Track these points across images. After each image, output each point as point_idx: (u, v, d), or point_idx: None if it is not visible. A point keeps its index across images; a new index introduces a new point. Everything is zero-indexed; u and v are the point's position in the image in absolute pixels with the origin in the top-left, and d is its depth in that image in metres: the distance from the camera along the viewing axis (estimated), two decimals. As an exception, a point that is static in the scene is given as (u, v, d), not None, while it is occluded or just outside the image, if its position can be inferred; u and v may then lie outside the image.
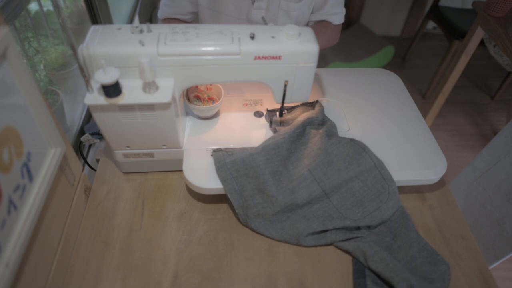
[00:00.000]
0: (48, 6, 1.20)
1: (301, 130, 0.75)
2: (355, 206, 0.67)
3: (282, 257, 0.65)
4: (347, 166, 0.69)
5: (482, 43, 1.66)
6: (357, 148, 0.71)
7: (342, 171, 0.69)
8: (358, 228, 0.67)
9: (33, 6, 1.14)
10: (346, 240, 0.66)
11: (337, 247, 0.67)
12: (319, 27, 1.01)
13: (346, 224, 0.65)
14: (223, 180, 0.67)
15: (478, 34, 1.57)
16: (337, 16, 1.01)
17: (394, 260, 0.60)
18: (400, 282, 0.58)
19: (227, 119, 0.81)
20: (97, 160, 0.81)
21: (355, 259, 0.64)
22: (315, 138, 0.74)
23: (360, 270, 0.63)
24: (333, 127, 0.77)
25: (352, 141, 0.72)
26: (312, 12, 1.01)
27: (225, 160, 0.69)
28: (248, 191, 0.67)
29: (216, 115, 0.81)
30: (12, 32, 0.69)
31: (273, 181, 0.67)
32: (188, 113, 0.81)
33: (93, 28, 0.63)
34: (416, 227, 0.68)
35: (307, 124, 0.76)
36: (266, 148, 0.70)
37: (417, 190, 0.77)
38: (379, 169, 0.70)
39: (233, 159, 0.69)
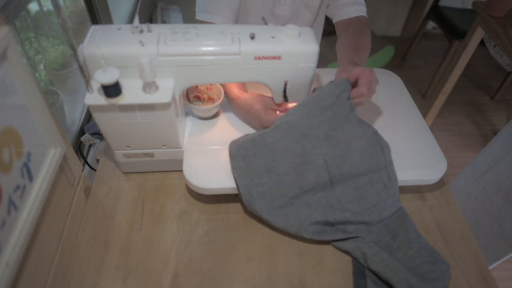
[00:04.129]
0: (48, 6, 1.20)
1: (328, 104, 0.68)
2: (356, 200, 0.67)
3: (282, 257, 0.65)
4: (361, 162, 0.67)
5: (482, 43, 1.66)
6: (377, 147, 0.70)
7: (354, 165, 0.67)
8: (357, 225, 0.67)
9: (33, 6, 1.14)
10: (346, 240, 0.66)
11: (336, 247, 0.67)
12: (360, 29, 0.91)
13: (346, 216, 0.66)
14: (231, 156, 0.70)
15: (478, 34, 1.57)
16: (364, 6, 0.95)
17: (394, 260, 0.61)
18: (400, 282, 0.58)
19: (227, 119, 0.81)
20: (97, 160, 0.81)
21: (355, 260, 0.65)
22: (346, 125, 0.69)
23: (360, 270, 0.63)
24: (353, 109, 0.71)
25: (376, 135, 0.71)
26: (341, 8, 0.93)
27: (239, 138, 0.72)
28: (254, 169, 0.67)
29: (216, 115, 0.81)
30: (12, 32, 0.69)
31: (284, 160, 0.67)
32: (188, 113, 0.81)
33: (93, 28, 0.63)
34: (416, 227, 0.68)
35: (334, 99, 0.68)
36: (279, 127, 0.69)
37: (417, 190, 0.77)
38: (387, 169, 0.70)
39: (245, 138, 0.71)
